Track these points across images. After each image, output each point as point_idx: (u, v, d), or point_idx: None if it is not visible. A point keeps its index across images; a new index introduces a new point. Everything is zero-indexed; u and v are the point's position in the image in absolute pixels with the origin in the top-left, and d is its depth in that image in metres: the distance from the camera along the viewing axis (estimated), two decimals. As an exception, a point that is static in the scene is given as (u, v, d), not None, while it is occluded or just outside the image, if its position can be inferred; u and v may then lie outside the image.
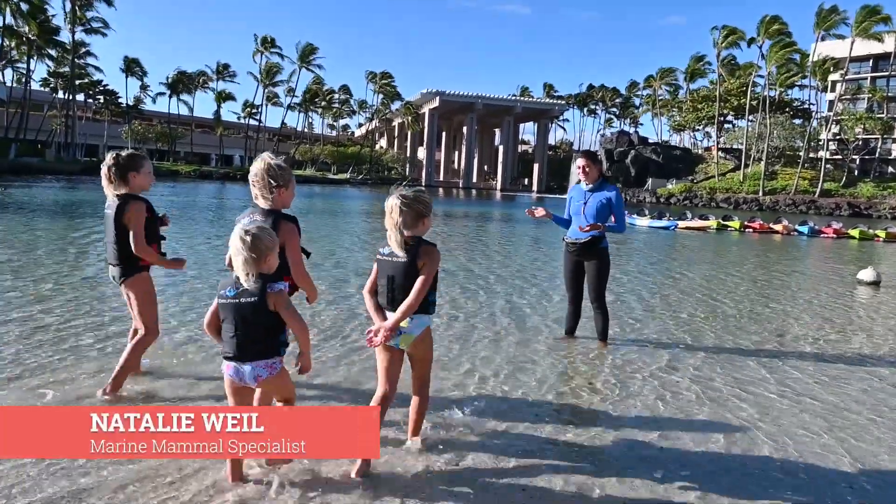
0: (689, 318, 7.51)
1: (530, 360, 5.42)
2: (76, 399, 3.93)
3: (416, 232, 3.22)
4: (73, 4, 56.97)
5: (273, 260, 2.95)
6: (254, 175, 3.44)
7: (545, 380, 4.91)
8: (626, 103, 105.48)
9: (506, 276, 10.07)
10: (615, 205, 5.75)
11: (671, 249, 17.31)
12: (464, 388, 4.61)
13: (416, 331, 3.25)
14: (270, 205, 3.43)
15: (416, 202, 3.21)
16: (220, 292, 2.94)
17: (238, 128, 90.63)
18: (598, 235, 5.71)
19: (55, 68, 66.17)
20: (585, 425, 4.04)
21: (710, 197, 64.37)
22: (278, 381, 3.02)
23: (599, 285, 5.82)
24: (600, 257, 5.80)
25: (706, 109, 76.38)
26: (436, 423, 3.84)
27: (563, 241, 5.99)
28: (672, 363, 5.52)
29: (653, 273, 11.74)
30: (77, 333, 5.34)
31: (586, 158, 5.83)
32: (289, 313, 2.92)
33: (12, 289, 6.99)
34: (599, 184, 5.80)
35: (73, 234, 12.86)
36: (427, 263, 3.17)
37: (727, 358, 5.80)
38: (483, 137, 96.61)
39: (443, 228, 19.86)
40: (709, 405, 4.52)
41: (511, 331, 6.40)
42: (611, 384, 4.88)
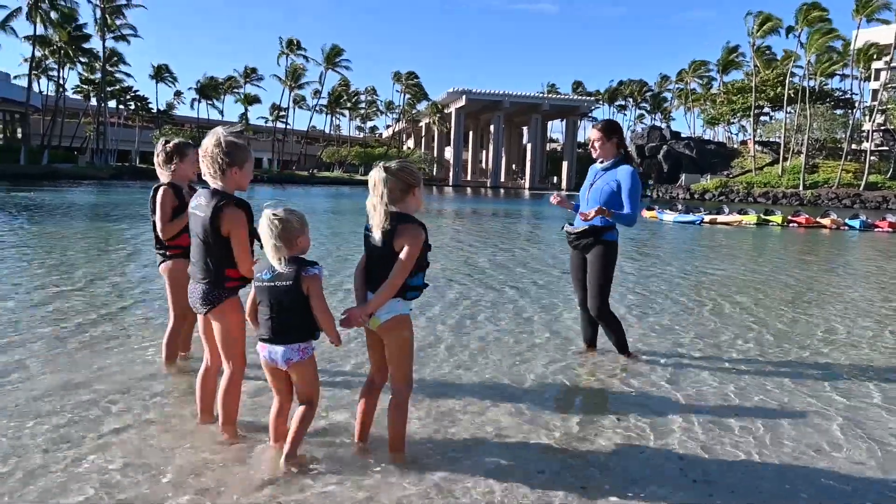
0: (742, 330, 6.54)
1: (533, 383, 4.55)
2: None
3: (405, 207, 2.92)
4: (102, 13, 57.71)
5: (305, 242, 2.97)
6: (202, 151, 3.03)
7: (555, 426, 4.03)
8: (657, 98, 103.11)
9: (524, 277, 9.20)
10: (626, 188, 4.63)
11: (717, 246, 16.18)
12: (452, 417, 3.78)
13: (384, 315, 2.91)
14: (221, 186, 3.08)
15: (402, 171, 2.91)
16: (257, 275, 2.98)
17: (266, 131, 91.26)
18: (599, 224, 4.70)
19: (87, 76, 67.37)
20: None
21: (746, 192, 62.23)
22: (307, 369, 3.01)
23: (597, 286, 4.77)
24: (602, 252, 4.74)
25: (741, 101, 73.89)
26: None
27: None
28: (714, 389, 4.58)
29: (696, 272, 10.73)
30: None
31: (599, 131, 4.78)
32: (317, 298, 2.91)
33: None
34: (615, 162, 4.77)
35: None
36: (407, 244, 2.83)
37: (798, 382, 4.85)
38: (510, 136, 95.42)
39: (469, 226, 19.03)
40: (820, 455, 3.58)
41: (512, 338, 5.55)
42: (640, 425, 3.98)
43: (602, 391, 4.40)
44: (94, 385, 4.07)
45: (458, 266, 10.22)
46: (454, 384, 4.38)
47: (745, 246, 16.81)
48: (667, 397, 4.27)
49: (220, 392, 3.28)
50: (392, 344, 2.99)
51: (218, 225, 3.04)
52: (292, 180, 68.70)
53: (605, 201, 4.66)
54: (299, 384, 3.06)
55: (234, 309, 3.20)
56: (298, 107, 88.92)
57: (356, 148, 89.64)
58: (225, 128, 3.14)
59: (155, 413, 3.67)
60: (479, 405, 3.98)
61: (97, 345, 4.97)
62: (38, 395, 3.86)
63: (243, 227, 3.07)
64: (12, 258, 9.29)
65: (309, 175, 74.14)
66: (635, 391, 4.38)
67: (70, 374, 4.24)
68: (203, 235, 3.10)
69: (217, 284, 3.14)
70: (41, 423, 3.44)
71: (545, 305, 7.19)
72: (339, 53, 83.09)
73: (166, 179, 4.26)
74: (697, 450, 3.44)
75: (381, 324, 2.92)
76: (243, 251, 3.08)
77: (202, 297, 3.18)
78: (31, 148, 52.37)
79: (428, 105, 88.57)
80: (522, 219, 25.82)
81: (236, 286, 3.19)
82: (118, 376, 4.25)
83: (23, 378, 4.15)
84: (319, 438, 3.36)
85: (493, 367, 4.80)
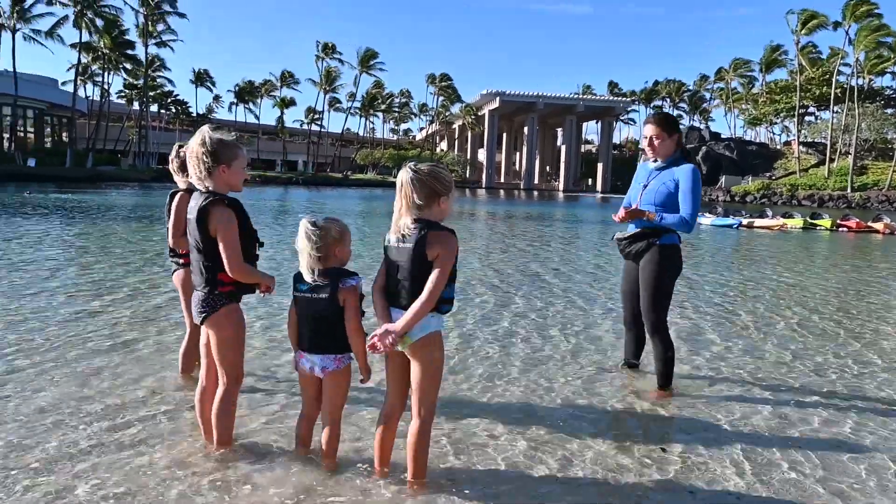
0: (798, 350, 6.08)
1: (564, 405, 4.21)
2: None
3: (429, 215, 2.65)
4: (146, 19, 59.18)
5: (344, 253, 2.89)
6: (188, 152, 2.90)
7: (590, 454, 3.67)
8: (696, 98, 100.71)
9: (567, 282, 8.83)
10: (686, 188, 4.04)
11: (760, 252, 15.48)
12: (466, 432, 3.47)
13: (418, 333, 2.63)
14: (210, 185, 2.94)
15: (430, 177, 2.64)
16: (295, 286, 2.91)
17: (301, 134, 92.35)
18: (650, 226, 4.14)
19: (131, 81, 69.21)
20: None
21: (790, 194, 60.20)
22: (340, 379, 2.93)
23: (649, 297, 4.18)
24: (656, 258, 4.13)
25: (785, 101, 71.55)
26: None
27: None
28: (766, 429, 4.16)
29: (741, 280, 10.19)
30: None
31: (656, 125, 4.16)
32: (352, 314, 2.83)
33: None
34: (673, 160, 4.18)
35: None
36: (441, 254, 2.58)
37: (865, 411, 4.40)
38: (544, 138, 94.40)
39: (502, 228, 18.70)
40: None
41: (542, 354, 5.20)
42: (688, 457, 3.60)
43: (642, 417, 4.03)
44: (104, 397, 3.90)
45: (484, 272, 9.91)
46: (476, 402, 4.09)
47: (792, 252, 16.05)
48: (713, 424, 3.90)
49: (214, 408, 3.07)
50: (422, 364, 2.71)
51: (206, 226, 2.86)
52: (326, 182, 69.23)
53: (660, 203, 4.12)
54: (330, 392, 2.96)
55: (230, 318, 2.99)
56: (333, 109, 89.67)
57: (390, 150, 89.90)
58: (210, 125, 2.98)
59: (165, 428, 3.48)
60: (505, 428, 3.68)
61: (115, 353, 4.83)
62: (43, 404, 3.71)
63: (231, 227, 2.86)
64: (46, 259, 9.35)
65: (343, 177, 74.63)
66: (679, 417, 4.02)
67: (79, 385, 4.09)
68: (195, 240, 2.92)
69: (211, 290, 2.94)
70: (43, 430, 3.28)
71: (580, 317, 6.83)
72: (374, 57, 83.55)
73: (183, 185, 4.06)
74: (755, 485, 3.08)
75: (415, 342, 2.65)
76: (231, 251, 2.86)
77: (198, 304, 2.99)
78: (77, 151, 53.95)
79: (461, 107, 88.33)
80: (556, 222, 25.32)
81: (232, 292, 2.98)
82: (130, 387, 4.09)
83: (33, 385, 4.02)
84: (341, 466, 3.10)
85: (520, 384, 4.49)
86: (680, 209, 4.07)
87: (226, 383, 3.04)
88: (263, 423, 3.61)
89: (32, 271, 8.31)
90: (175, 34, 63.36)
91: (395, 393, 2.88)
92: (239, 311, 3.05)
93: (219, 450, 3.13)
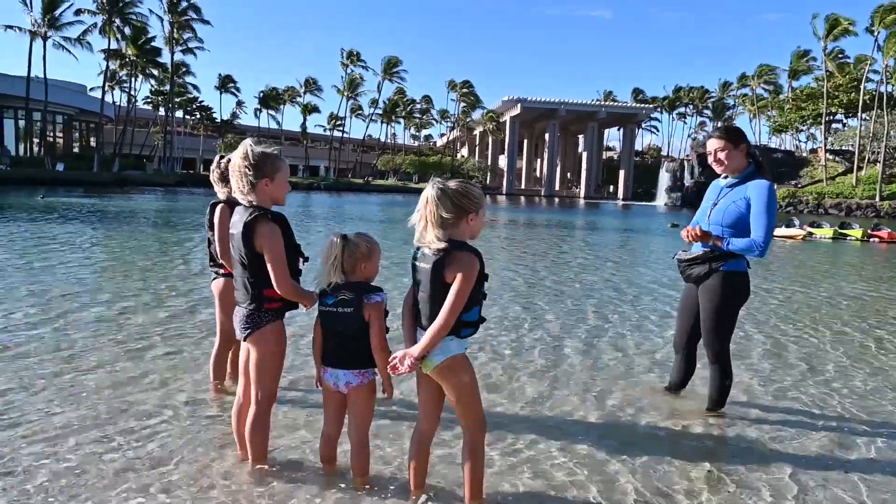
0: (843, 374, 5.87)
1: (605, 424, 4.07)
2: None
3: (456, 233, 2.53)
4: (171, 27, 60.14)
5: (371, 269, 2.87)
6: (231, 166, 2.85)
7: (638, 478, 3.53)
8: (719, 104, 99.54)
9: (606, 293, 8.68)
10: (759, 208, 3.69)
11: (791, 264, 15.14)
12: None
13: (437, 357, 2.56)
14: (254, 199, 2.88)
15: (458, 194, 2.53)
16: (321, 299, 2.87)
17: (324, 139, 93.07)
18: (717, 250, 3.83)
19: (157, 87, 70.36)
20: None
21: (817, 203, 59.10)
22: (365, 395, 2.90)
23: (711, 326, 3.90)
24: (718, 285, 3.83)
25: (811, 108, 70.30)
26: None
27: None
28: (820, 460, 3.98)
29: (776, 294, 9.94)
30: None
31: (719, 139, 3.86)
32: (377, 330, 2.80)
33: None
34: (746, 175, 3.85)
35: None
36: (461, 275, 2.47)
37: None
38: (566, 144, 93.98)
39: (526, 237, 18.55)
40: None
41: (583, 369, 5.07)
42: (740, 480, 3.44)
43: (689, 439, 3.89)
44: (134, 410, 3.87)
45: (510, 282, 9.80)
46: (525, 420, 3.98)
47: (826, 263, 15.67)
48: (764, 445, 3.74)
49: (248, 425, 3.01)
50: (452, 389, 2.64)
51: (251, 241, 2.81)
52: (348, 188, 69.62)
53: (730, 224, 3.80)
54: (355, 409, 2.92)
55: (274, 336, 2.93)
56: (355, 116, 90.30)
57: (411, 156, 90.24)
58: (254, 139, 2.92)
59: (198, 440, 3.42)
60: (547, 445, 3.57)
61: (143, 360, 4.81)
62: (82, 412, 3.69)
63: (277, 242, 2.81)
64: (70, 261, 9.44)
65: (364, 182, 75.02)
66: (729, 442, 3.87)
67: (109, 394, 4.06)
68: (239, 255, 2.86)
69: (258, 307, 2.88)
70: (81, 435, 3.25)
71: (624, 333, 6.69)
72: (397, 64, 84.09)
73: (223, 196, 4.01)
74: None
75: (435, 367, 2.58)
76: (279, 268, 2.81)
77: (242, 320, 2.93)
78: (104, 156, 54.90)
79: (483, 113, 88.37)
80: (576, 230, 25.10)
81: (278, 308, 2.92)
82: (161, 397, 4.05)
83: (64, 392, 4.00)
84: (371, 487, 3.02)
85: (566, 401, 4.37)
86: (751, 231, 3.74)
87: (259, 400, 2.98)
88: (300, 439, 3.54)
89: (58, 274, 8.39)
90: (201, 41, 64.28)
91: (427, 415, 2.79)
92: (283, 328, 3.00)
93: (254, 466, 3.07)
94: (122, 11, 53.36)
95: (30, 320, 5.90)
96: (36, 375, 4.38)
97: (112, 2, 51.96)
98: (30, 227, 14.77)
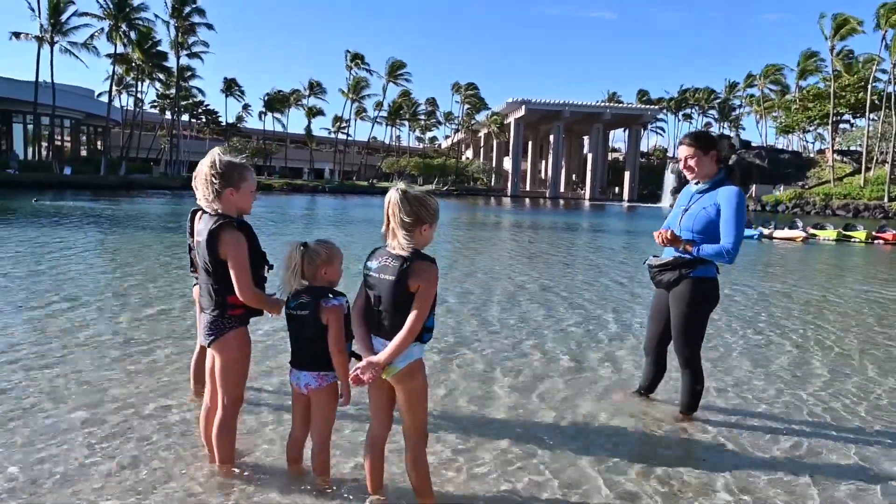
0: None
1: (577, 429, 4.09)
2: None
3: (411, 242, 2.57)
4: (177, 31, 60.54)
5: (333, 273, 2.93)
6: (198, 173, 2.88)
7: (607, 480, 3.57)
8: (725, 105, 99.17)
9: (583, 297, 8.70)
10: (728, 214, 3.72)
11: (790, 265, 15.09)
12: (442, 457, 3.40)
13: (401, 363, 2.59)
14: (219, 208, 2.92)
15: (417, 202, 2.58)
16: (287, 303, 2.93)
17: (328, 142, 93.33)
18: (686, 257, 3.84)
19: (163, 91, 70.80)
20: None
21: (824, 204, 58.66)
22: (324, 397, 2.93)
23: (681, 332, 3.92)
24: (688, 291, 3.84)
25: (818, 108, 69.88)
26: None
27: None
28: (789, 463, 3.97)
29: (771, 295, 9.92)
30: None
31: (689, 146, 3.88)
32: (334, 334, 2.82)
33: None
34: (717, 181, 3.87)
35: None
36: (423, 287, 2.53)
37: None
38: (571, 146, 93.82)
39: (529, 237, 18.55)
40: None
41: (553, 371, 5.09)
42: (687, 481, 3.46)
43: (659, 443, 3.92)
44: (106, 412, 3.93)
45: (501, 285, 9.83)
46: (493, 423, 4.02)
47: (826, 265, 15.61)
48: (734, 451, 3.76)
49: (215, 429, 3.06)
50: (406, 392, 2.69)
51: (216, 249, 2.86)
52: (353, 190, 69.80)
53: (700, 230, 3.81)
54: (316, 410, 2.98)
55: (237, 342, 2.98)
56: (360, 118, 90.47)
57: (415, 158, 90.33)
58: (222, 148, 2.98)
59: (170, 444, 3.48)
60: (522, 449, 3.61)
61: (124, 364, 4.88)
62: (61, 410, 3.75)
63: (241, 250, 2.86)
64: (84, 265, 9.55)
65: (369, 185, 75.18)
66: (698, 446, 3.89)
67: (88, 399, 4.13)
68: (204, 262, 2.91)
69: (221, 314, 2.94)
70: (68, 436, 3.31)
71: (595, 336, 6.72)
72: (401, 67, 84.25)
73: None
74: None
75: (397, 372, 2.62)
76: (242, 275, 2.86)
77: (206, 327, 2.99)
78: (111, 159, 55.27)
79: (487, 115, 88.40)
80: (581, 232, 25.09)
81: (241, 315, 2.97)
82: (138, 401, 4.11)
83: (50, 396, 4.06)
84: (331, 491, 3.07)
85: (534, 405, 4.41)
86: (721, 238, 3.75)
87: (226, 405, 3.03)
88: (268, 440, 3.59)
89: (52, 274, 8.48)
90: (206, 45, 64.69)
91: (379, 419, 2.84)
92: (247, 334, 3.05)
93: (220, 469, 3.13)
94: (128, 16, 53.77)
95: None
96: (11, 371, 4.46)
97: (118, 7, 52.39)
98: (21, 231, 14.93)
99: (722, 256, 3.74)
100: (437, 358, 5.38)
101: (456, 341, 5.97)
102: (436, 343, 5.82)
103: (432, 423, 3.85)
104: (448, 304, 7.69)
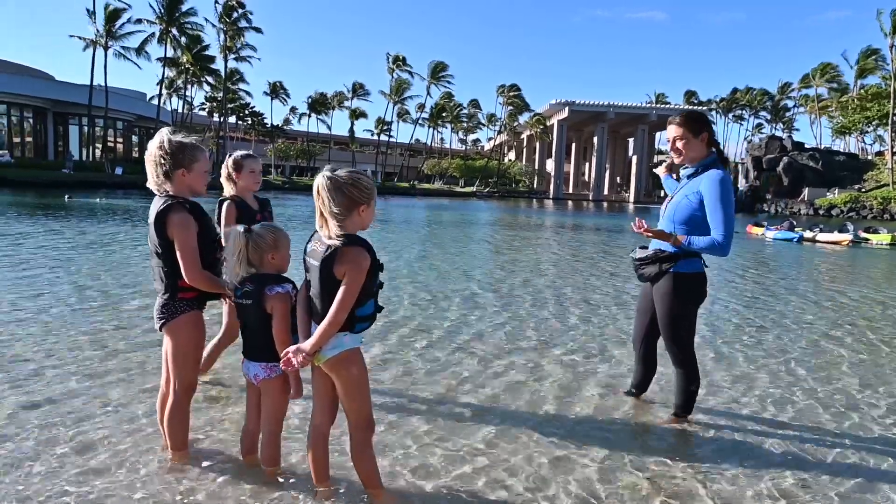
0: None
1: (563, 430, 3.88)
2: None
3: (348, 226, 2.45)
4: (226, 35, 62.23)
5: (280, 260, 2.84)
6: (147, 154, 2.84)
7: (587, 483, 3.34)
8: (778, 106, 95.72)
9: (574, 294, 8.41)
10: (711, 203, 3.40)
11: (835, 271, 14.34)
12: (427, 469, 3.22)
13: (330, 352, 2.49)
14: (170, 189, 2.86)
15: (348, 184, 2.45)
16: (234, 291, 2.84)
17: (371, 144, 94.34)
18: (667, 251, 3.55)
19: (212, 94, 72.91)
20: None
21: (882, 208, 55.91)
22: (272, 388, 2.84)
23: (668, 331, 3.65)
24: (671, 289, 3.55)
25: (877, 109, 66.64)
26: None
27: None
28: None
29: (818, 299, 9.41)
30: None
31: (680, 125, 3.55)
32: (279, 322, 2.71)
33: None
34: (705, 165, 3.54)
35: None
36: (349, 272, 2.40)
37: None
38: (615, 148, 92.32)
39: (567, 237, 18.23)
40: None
41: (548, 374, 4.87)
42: (680, 485, 3.20)
43: (649, 447, 3.68)
44: (84, 399, 3.93)
45: (518, 282, 9.61)
46: (470, 418, 3.86)
47: (876, 272, 14.77)
48: (727, 454, 3.50)
49: (167, 415, 2.99)
50: (340, 381, 2.57)
51: (164, 230, 2.79)
52: (394, 191, 70.30)
53: (682, 221, 3.52)
54: (265, 400, 2.90)
55: (189, 326, 2.90)
56: (402, 120, 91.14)
57: (457, 160, 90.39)
58: (171, 128, 2.91)
59: (127, 432, 3.45)
60: (503, 445, 3.44)
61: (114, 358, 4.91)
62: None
63: (189, 231, 2.78)
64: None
65: (410, 186, 75.59)
66: (690, 448, 3.64)
67: (73, 383, 4.15)
68: (153, 244, 2.85)
69: (171, 296, 2.87)
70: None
71: (596, 336, 6.46)
72: (443, 69, 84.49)
73: (229, 192, 4.10)
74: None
75: (326, 361, 2.50)
76: (187, 257, 2.78)
77: (157, 310, 2.93)
78: (161, 160, 57.19)
79: (530, 117, 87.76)
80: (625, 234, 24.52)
81: (193, 298, 2.90)
82: (116, 387, 4.11)
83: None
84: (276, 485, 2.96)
85: (524, 404, 4.22)
86: (711, 229, 3.44)
87: (177, 391, 2.96)
88: (223, 430, 3.52)
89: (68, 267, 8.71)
90: (253, 49, 66.25)
91: (321, 408, 2.73)
92: (200, 318, 2.98)
93: (173, 456, 3.06)
94: (178, 21, 55.58)
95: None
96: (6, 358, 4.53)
97: (169, 11, 54.22)
98: (50, 223, 15.48)
99: (714, 249, 3.45)
100: (438, 352, 5.24)
101: (451, 331, 5.82)
102: (435, 333, 5.68)
103: (428, 413, 3.73)
104: (476, 297, 7.55)
